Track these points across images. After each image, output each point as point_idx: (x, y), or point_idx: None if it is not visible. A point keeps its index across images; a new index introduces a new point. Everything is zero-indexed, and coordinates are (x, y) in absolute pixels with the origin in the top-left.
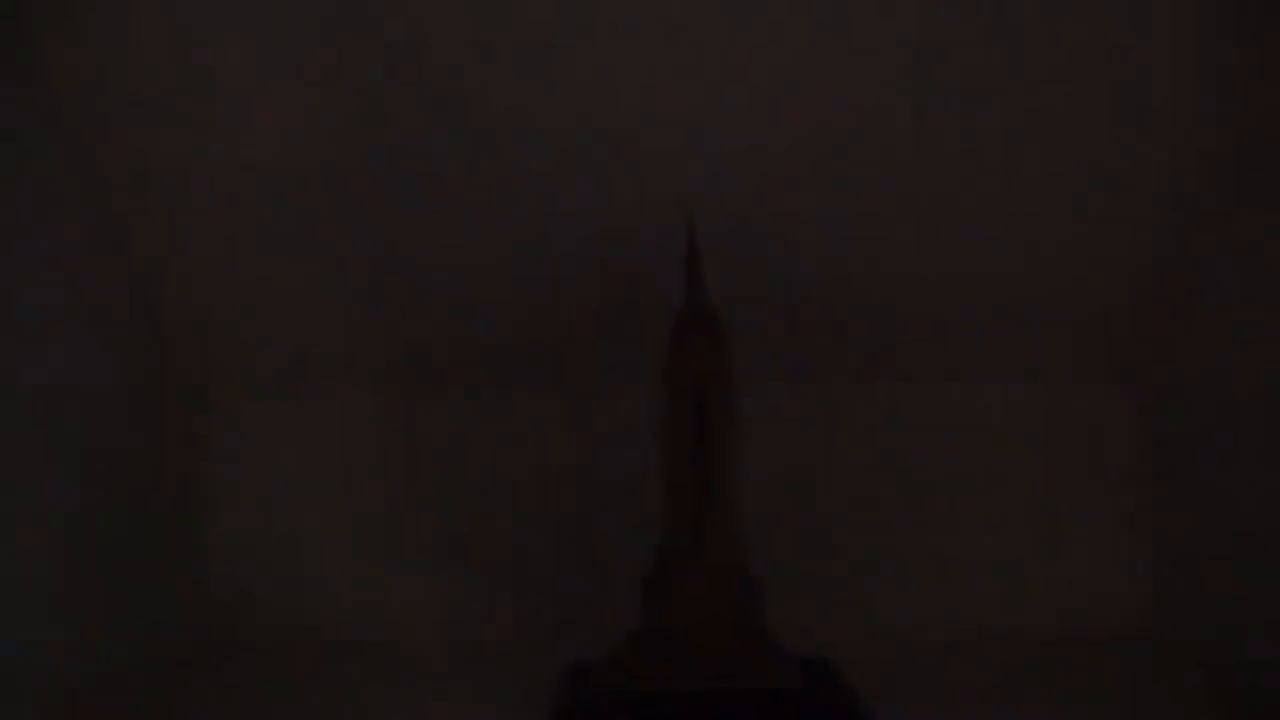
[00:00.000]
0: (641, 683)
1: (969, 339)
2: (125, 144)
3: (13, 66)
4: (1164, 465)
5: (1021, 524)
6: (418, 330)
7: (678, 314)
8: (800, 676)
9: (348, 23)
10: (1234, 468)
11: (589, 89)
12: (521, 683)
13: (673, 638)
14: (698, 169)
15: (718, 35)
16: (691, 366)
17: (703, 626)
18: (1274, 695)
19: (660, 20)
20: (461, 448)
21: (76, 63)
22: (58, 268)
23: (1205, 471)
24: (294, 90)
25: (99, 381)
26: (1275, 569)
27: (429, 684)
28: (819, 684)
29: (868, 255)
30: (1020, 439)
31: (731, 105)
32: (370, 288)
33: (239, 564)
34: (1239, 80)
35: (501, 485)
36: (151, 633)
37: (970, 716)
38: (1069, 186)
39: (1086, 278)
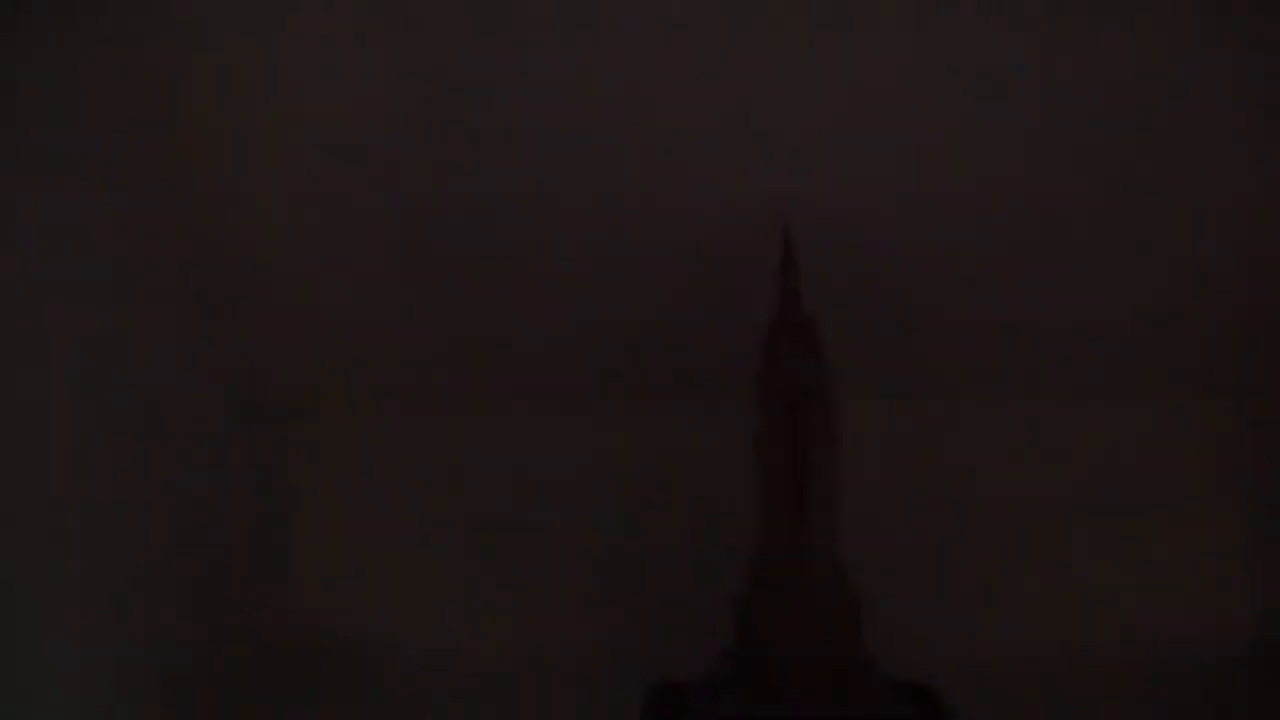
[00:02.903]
0: (736, 709)
1: (1084, 357)
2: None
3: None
4: None
5: (1138, 546)
6: (500, 347)
7: (771, 321)
8: (902, 704)
9: (432, 18)
10: None
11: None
12: (605, 704)
13: (769, 662)
14: (789, 180)
15: (809, 44)
16: (786, 376)
17: (800, 650)
18: None
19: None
20: (544, 466)
21: (147, 59)
22: (139, 278)
23: None
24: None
25: (176, 396)
26: None
27: (509, 706)
28: (921, 712)
29: (976, 270)
30: (1138, 458)
31: (823, 114)
32: (450, 305)
33: (316, 584)
34: None
35: (587, 503)
36: (228, 652)
37: None
38: (1182, 200)
39: (1205, 292)
